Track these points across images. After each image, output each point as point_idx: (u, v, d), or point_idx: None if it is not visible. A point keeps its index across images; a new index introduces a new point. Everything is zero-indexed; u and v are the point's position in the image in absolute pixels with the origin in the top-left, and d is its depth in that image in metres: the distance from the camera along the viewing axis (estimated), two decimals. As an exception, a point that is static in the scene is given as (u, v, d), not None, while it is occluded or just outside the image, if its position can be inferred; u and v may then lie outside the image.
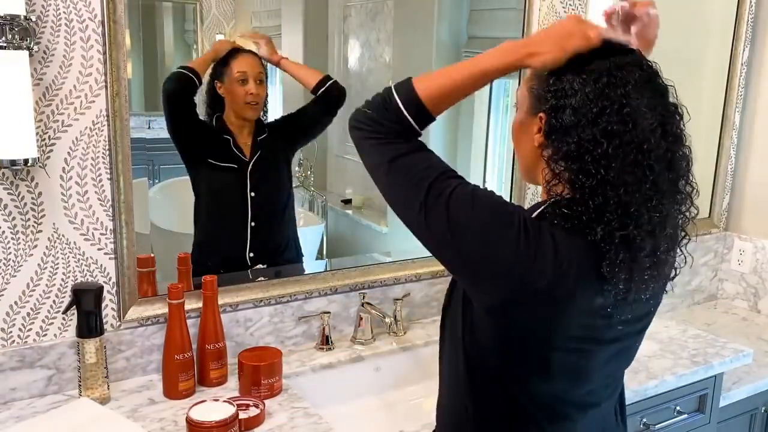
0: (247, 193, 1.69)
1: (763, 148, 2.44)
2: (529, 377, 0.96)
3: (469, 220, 0.91)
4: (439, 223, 0.92)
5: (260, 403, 1.35)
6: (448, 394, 1.08)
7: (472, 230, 0.90)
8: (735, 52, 2.37)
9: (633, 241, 0.88)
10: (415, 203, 0.94)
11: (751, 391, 1.92)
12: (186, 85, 1.57)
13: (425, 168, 0.96)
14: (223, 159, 1.66)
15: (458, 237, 0.91)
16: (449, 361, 1.06)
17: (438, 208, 0.92)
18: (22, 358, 1.36)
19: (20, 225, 1.33)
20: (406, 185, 0.96)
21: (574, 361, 0.96)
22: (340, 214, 2.05)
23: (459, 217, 0.91)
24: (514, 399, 0.98)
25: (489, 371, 0.98)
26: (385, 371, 1.69)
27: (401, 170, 0.97)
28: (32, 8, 1.26)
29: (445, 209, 0.92)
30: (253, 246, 1.70)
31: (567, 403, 1.00)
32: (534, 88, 0.98)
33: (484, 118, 2.09)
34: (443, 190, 0.93)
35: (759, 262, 2.43)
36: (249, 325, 1.61)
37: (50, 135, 1.33)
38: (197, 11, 1.67)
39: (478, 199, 0.92)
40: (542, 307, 0.90)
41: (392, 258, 1.90)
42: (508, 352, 0.95)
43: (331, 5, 1.91)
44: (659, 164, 0.88)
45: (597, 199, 0.87)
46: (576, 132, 0.89)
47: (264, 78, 1.67)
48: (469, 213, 0.91)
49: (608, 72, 0.90)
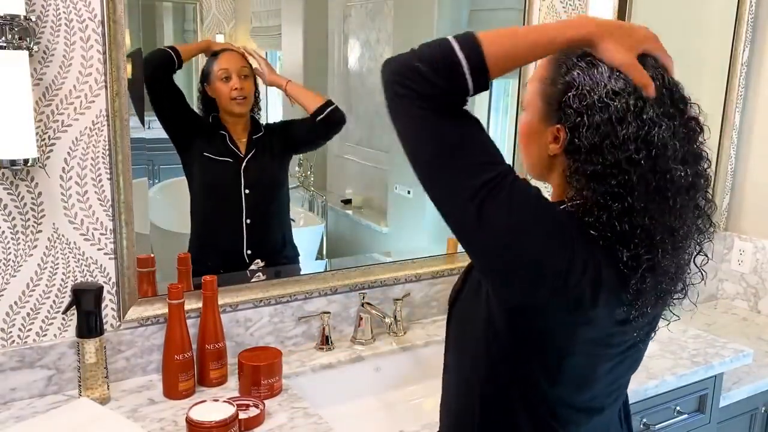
0: (242, 190, 1.69)
1: (763, 148, 2.44)
2: (538, 379, 0.96)
3: (527, 221, 0.87)
4: (494, 217, 0.85)
5: (260, 403, 1.35)
6: (456, 394, 1.07)
7: (527, 231, 0.86)
8: (735, 52, 2.37)
9: (658, 265, 0.88)
10: (466, 190, 0.85)
11: (751, 391, 1.92)
12: (162, 59, 1.56)
13: (482, 152, 0.88)
14: (218, 153, 1.66)
15: (511, 235, 0.86)
16: (458, 360, 1.05)
17: (497, 201, 0.85)
18: (22, 358, 1.36)
19: (20, 225, 1.33)
20: (458, 169, 0.86)
21: (584, 365, 0.95)
22: (340, 214, 2.05)
23: (519, 215, 0.86)
24: (523, 400, 0.97)
25: (501, 371, 0.97)
26: (385, 371, 1.69)
27: (455, 151, 0.87)
28: (32, 8, 1.26)
29: (508, 204, 0.85)
30: (250, 243, 1.70)
31: (572, 407, 0.99)
32: (547, 96, 0.94)
33: (484, 118, 2.09)
34: (503, 182, 0.86)
35: (759, 262, 2.43)
36: (249, 325, 1.61)
37: (50, 135, 1.32)
38: (197, 11, 1.67)
39: (535, 200, 0.89)
40: (568, 314, 0.89)
41: (392, 258, 1.90)
42: (524, 353, 0.94)
43: (331, 5, 1.91)
44: (681, 190, 0.88)
45: (623, 225, 0.86)
46: (600, 154, 0.86)
47: (249, 73, 1.66)
48: (526, 213, 0.87)
49: (636, 94, 0.87)
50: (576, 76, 0.90)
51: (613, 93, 0.87)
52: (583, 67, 0.90)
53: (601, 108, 0.87)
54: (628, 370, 1.06)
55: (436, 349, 1.71)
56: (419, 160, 0.90)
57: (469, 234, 0.88)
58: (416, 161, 0.90)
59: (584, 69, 0.90)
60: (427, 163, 0.89)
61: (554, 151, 0.94)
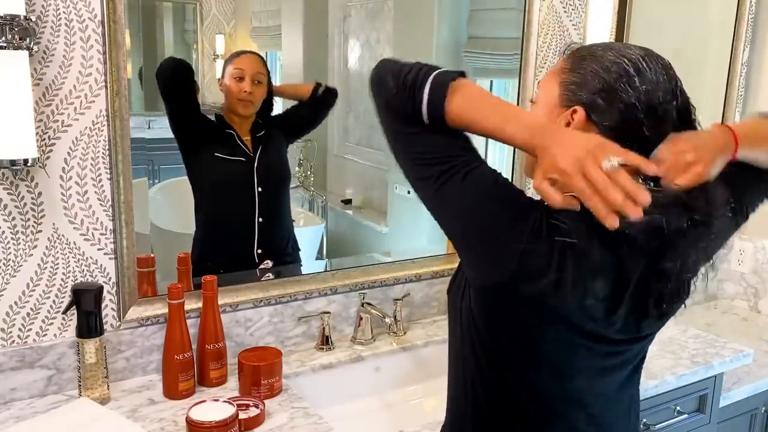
0: (255, 188, 1.69)
1: (763, 148, 2.44)
2: (516, 366, 0.97)
3: (480, 201, 0.90)
4: (450, 198, 0.91)
5: (260, 403, 1.35)
6: (454, 384, 1.08)
7: (480, 210, 0.90)
8: (735, 52, 2.37)
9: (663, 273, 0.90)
10: (429, 178, 0.92)
11: (751, 391, 1.92)
12: (180, 66, 1.60)
13: (446, 144, 0.93)
14: (230, 153, 1.67)
15: (466, 214, 0.91)
16: (453, 347, 1.06)
17: (453, 183, 0.90)
18: (21, 358, 1.36)
19: (20, 225, 1.33)
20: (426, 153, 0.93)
21: (558, 353, 0.95)
22: (340, 214, 2.05)
23: (473, 195, 0.90)
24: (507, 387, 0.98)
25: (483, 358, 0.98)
26: (385, 371, 1.69)
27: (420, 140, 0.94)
28: (32, 8, 1.26)
29: (461, 186, 0.90)
30: (261, 242, 1.71)
31: (556, 397, 0.99)
32: (566, 82, 0.96)
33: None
34: (466, 164, 0.91)
35: (759, 262, 2.43)
36: (249, 325, 1.61)
37: (50, 135, 1.32)
38: (197, 11, 1.67)
39: (491, 183, 0.92)
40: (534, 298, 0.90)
41: (392, 258, 1.90)
42: (500, 339, 0.96)
43: (331, 5, 1.91)
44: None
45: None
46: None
47: (263, 79, 1.67)
48: (480, 194, 0.90)
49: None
50: (597, 65, 0.94)
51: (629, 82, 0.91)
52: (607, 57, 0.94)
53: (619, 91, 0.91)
54: (619, 368, 1.04)
55: (436, 349, 1.72)
56: (393, 154, 0.99)
57: (436, 215, 0.95)
58: (394, 155, 0.99)
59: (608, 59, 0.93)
60: (396, 157, 0.98)
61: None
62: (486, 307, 0.95)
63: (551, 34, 1.97)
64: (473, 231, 0.91)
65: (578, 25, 2.00)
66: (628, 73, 0.92)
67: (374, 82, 0.99)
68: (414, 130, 0.94)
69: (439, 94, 0.91)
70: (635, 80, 0.91)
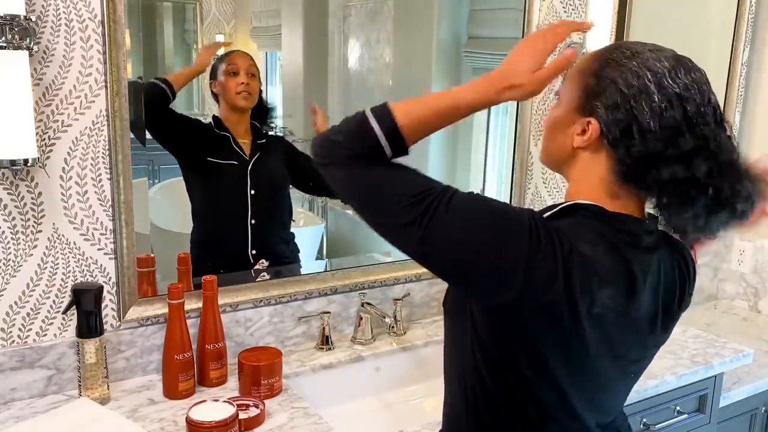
0: (248, 191, 1.69)
1: (763, 148, 2.43)
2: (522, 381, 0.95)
3: (472, 227, 0.87)
4: (440, 236, 0.87)
5: (260, 403, 1.35)
6: (451, 393, 1.07)
7: (474, 235, 0.87)
8: (735, 52, 2.37)
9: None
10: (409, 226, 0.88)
11: (751, 391, 1.92)
12: (155, 95, 1.56)
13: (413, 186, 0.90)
14: (223, 156, 1.67)
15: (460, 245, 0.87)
16: (451, 360, 1.05)
17: (438, 220, 0.87)
18: (22, 358, 1.36)
19: (20, 225, 1.33)
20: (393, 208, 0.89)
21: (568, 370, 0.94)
22: (340, 214, 2.04)
23: (463, 223, 0.87)
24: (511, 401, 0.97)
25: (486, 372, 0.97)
26: (385, 371, 1.69)
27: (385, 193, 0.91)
28: (32, 8, 1.26)
29: (450, 218, 0.87)
30: (255, 243, 1.71)
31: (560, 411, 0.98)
32: (585, 87, 0.93)
33: (484, 116, 2.09)
34: (443, 193, 0.89)
35: (759, 262, 2.43)
36: (249, 325, 1.61)
37: (50, 135, 1.32)
38: (197, 11, 1.67)
39: (479, 204, 0.90)
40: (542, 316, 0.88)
41: (392, 258, 1.90)
42: (506, 355, 0.93)
43: (331, 5, 1.91)
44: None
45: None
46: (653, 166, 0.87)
47: (256, 72, 1.67)
48: (470, 219, 0.87)
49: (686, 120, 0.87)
50: (618, 74, 0.90)
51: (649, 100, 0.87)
52: (629, 67, 0.89)
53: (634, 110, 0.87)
54: (623, 382, 1.04)
55: (436, 349, 1.71)
56: (368, 214, 0.94)
57: (426, 258, 0.90)
58: (366, 217, 0.94)
59: (630, 69, 0.89)
60: (365, 210, 0.94)
61: (579, 144, 0.93)
62: (495, 326, 0.92)
63: (551, 34, 1.96)
64: (470, 258, 0.87)
65: (578, 25, 2.00)
66: (648, 90, 0.87)
67: (321, 148, 0.96)
68: (379, 174, 0.92)
69: (385, 117, 0.92)
70: (655, 98, 0.87)
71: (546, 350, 0.90)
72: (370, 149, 0.92)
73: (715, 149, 0.87)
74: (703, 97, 0.88)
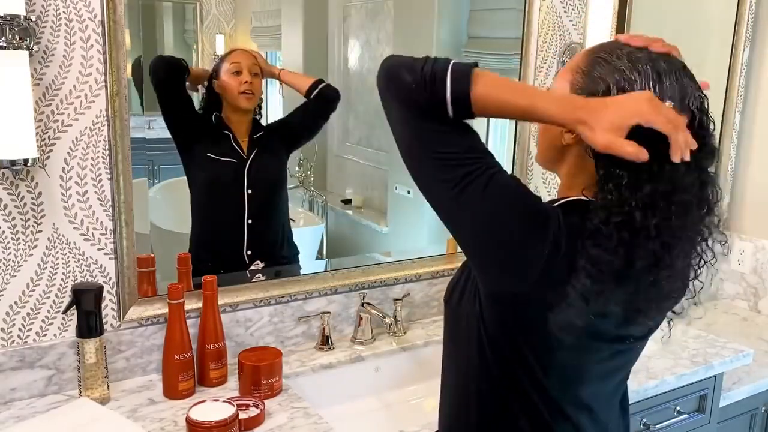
0: (244, 190, 1.69)
1: (763, 148, 2.44)
2: (530, 373, 0.96)
3: (502, 210, 0.87)
4: (471, 204, 0.87)
5: (260, 403, 1.35)
6: (453, 393, 1.07)
7: (501, 218, 0.87)
8: (735, 52, 2.37)
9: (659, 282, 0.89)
10: (448, 182, 0.88)
11: (751, 391, 1.92)
12: (176, 63, 1.60)
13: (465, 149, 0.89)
14: (222, 153, 1.67)
15: (486, 221, 0.87)
16: (454, 357, 1.05)
17: (474, 189, 0.87)
18: (22, 358, 1.36)
19: (20, 225, 1.33)
20: (440, 165, 0.89)
21: (573, 359, 0.95)
22: (340, 214, 2.05)
23: (493, 202, 0.87)
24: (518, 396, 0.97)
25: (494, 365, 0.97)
26: (385, 371, 1.69)
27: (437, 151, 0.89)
28: (32, 8, 1.26)
29: (482, 192, 0.87)
30: (250, 243, 1.71)
31: (567, 402, 0.99)
32: (576, 86, 0.93)
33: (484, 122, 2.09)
34: (489, 167, 0.88)
35: (759, 262, 2.43)
36: (249, 325, 1.61)
37: (50, 135, 1.32)
38: (197, 11, 1.67)
39: (512, 190, 0.89)
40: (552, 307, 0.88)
41: (392, 258, 1.90)
42: (513, 347, 0.94)
43: (331, 5, 1.91)
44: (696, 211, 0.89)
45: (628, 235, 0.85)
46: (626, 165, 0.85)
47: (259, 71, 1.67)
48: (501, 202, 0.88)
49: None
50: (609, 74, 0.90)
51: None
52: (620, 68, 0.89)
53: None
54: (622, 367, 1.05)
55: (436, 349, 1.70)
56: (407, 156, 0.93)
57: (452, 220, 0.91)
58: (405, 157, 0.93)
59: (621, 70, 0.89)
60: (412, 158, 0.93)
61: (568, 141, 0.94)
62: (501, 315, 0.93)
63: (551, 34, 1.97)
64: (491, 239, 0.88)
65: (578, 25, 2.00)
66: (634, 90, 0.87)
67: (386, 79, 0.94)
68: (435, 127, 0.90)
69: (462, 82, 0.88)
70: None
71: (551, 339, 0.91)
72: (433, 103, 0.88)
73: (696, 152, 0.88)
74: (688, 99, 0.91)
